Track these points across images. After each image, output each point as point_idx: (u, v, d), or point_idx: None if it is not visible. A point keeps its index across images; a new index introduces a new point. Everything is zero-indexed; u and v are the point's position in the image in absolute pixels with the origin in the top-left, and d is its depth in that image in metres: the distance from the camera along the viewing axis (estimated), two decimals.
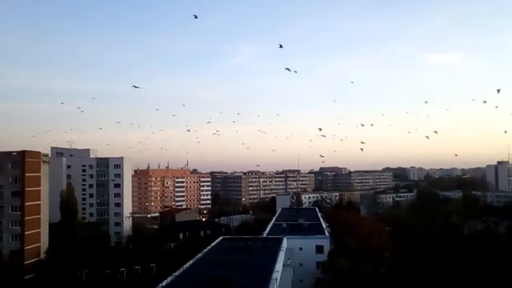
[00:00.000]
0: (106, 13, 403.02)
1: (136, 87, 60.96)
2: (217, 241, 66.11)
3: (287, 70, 56.95)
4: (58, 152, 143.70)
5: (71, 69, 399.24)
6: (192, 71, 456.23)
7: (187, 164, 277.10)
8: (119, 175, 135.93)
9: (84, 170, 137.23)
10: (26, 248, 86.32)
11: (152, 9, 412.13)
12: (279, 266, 46.71)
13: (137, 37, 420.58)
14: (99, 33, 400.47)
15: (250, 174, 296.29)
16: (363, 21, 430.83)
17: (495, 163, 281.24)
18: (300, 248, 71.57)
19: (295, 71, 61.12)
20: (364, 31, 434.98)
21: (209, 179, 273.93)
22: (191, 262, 49.36)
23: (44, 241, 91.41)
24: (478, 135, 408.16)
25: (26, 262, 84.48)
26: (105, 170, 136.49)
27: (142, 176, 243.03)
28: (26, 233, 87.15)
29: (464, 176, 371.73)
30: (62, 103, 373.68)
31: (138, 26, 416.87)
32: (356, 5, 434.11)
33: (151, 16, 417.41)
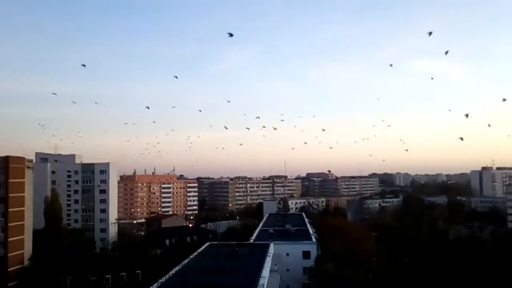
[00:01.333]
0: (94, 19, 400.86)
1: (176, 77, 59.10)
2: (203, 247, 65.96)
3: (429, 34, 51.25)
4: (43, 158, 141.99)
5: (60, 74, 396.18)
6: (180, 76, 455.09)
7: (173, 170, 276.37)
8: (105, 181, 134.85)
9: (69, 176, 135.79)
10: (9, 255, 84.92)
11: (139, 15, 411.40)
12: (266, 272, 46.62)
13: (125, 43, 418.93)
14: (88, 39, 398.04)
15: (237, 179, 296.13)
16: (350, 27, 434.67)
17: (480, 168, 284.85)
18: (287, 254, 71.57)
19: None
20: (350, 37, 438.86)
21: (196, 185, 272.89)
22: (177, 268, 49.08)
23: (28, 248, 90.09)
24: (463, 141, 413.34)
25: (9, 269, 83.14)
26: (90, 175, 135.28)
27: (128, 181, 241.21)
28: (10, 239, 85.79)
29: (449, 182, 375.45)
30: (74, 102, 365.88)
31: (126, 32, 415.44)
32: (343, 11, 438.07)
33: (139, 22, 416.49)
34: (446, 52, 55.16)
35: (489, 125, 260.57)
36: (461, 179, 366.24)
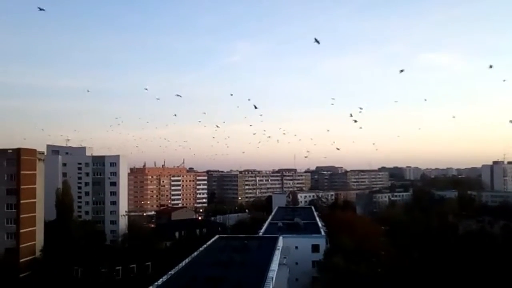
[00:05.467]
0: (102, 12, 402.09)
1: (179, 95, 60.51)
2: (213, 240, 66.08)
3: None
4: (54, 150, 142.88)
5: (68, 68, 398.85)
6: (188, 69, 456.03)
7: (183, 163, 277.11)
8: (115, 173, 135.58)
9: (80, 168, 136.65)
10: (21, 246, 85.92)
11: (148, 8, 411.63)
12: (275, 265, 46.69)
13: (134, 36, 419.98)
14: (96, 32, 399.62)
15: (246, 173, 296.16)
16: (360, 21, 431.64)
17: (491, 163, 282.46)
18: (296, 247, 71.55)
19: None
20: (361, 31, 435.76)
21: (205, 177, 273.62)
22: (186, 261, 49.28)
23: (39, 239, 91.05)
24: (474, 135, 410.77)
25: (21, 260, 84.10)
26: (101, 168, 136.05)
27: (138, 174, 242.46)
28: (22, 231, 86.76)
29: (459, 176, 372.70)
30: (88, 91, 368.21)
31: (135, 25, 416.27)
32: (353, 5, 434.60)
33: (148, 15, 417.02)
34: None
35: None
36: (471, 173, 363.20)
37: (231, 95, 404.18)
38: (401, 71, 55.46)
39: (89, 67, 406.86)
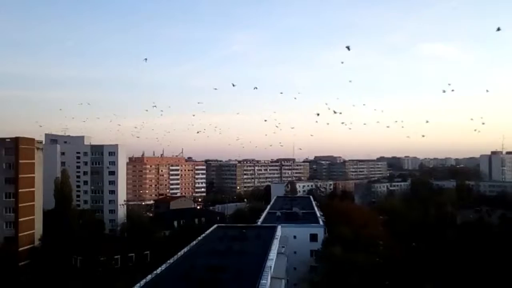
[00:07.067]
0: (101, 3, 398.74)
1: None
2: (211, 229, 66.20)
3: None
4: (53, 139, 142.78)
5: (65, 56, 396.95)
6: (186, 58, 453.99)
7: (182, 152, 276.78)
8: (114, 163, 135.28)
9: (78, 157, 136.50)
10: (20, 235, 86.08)
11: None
12: (273, 254, 46.78)
13: (131, 24, 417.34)
14: (94, 20, 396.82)
15: (245, 162, 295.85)
16: (360, 11, 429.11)
17: (489, 153, 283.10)
18: (294, 237, 71.84)
19: None
20: (361, 20, 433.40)
21: (204, 167, 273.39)
22: (185, 250, 49.41)
23: (38, 228, 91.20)
24: (472, 125, 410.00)
25: (20, 249, 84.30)
26: (99, 157, 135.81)
27: (136, 163, 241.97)
28: (20, 220, 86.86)
29: (458, 166, 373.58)
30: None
31: (133, 13, 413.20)
32: None
33: (146, 3, 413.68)
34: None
35: (471, 119, 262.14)
36: (470, 163, 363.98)
37: (234, 85, 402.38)
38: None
39: (86, 55, 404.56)
